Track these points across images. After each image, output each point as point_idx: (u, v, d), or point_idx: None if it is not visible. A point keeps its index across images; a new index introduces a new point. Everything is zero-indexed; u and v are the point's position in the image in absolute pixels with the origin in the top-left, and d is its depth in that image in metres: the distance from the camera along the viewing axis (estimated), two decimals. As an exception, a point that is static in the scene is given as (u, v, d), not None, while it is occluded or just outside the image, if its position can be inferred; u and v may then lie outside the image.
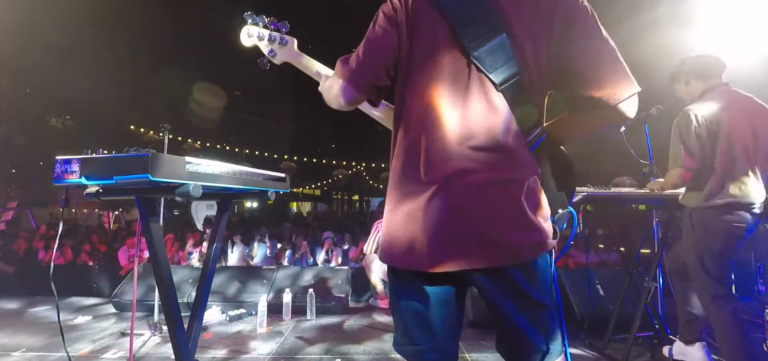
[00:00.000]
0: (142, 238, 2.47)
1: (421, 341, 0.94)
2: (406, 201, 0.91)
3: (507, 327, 0.91)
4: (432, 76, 0.90)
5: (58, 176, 1.30)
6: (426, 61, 0.91)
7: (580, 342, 2.88)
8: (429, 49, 0.91)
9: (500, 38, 0.86)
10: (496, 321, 0.94)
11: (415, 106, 0.92)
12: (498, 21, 0.87)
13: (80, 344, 2.92)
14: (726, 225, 1.98)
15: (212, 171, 1.46)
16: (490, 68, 0.86)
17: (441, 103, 0.88)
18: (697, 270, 2.08)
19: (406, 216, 0.90)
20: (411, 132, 0.92)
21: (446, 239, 0.86)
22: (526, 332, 0.88)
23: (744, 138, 1.98)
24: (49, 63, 7.39)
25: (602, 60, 0.86)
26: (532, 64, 0.87)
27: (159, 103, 9.62)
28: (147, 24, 7.42)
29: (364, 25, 0.98)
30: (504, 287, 0.88)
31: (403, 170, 0.93)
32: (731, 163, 1.98)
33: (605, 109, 0.87)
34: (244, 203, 17.82)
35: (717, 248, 2.01)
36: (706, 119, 1.99)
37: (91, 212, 13.01)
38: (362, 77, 0.97)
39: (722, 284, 2.01)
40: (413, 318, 0.95)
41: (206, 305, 1.87)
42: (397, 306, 0.98)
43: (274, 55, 1.33)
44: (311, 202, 24.21)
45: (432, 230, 0.86)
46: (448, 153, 0.86)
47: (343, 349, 2.81)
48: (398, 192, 0.93)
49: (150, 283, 3.80)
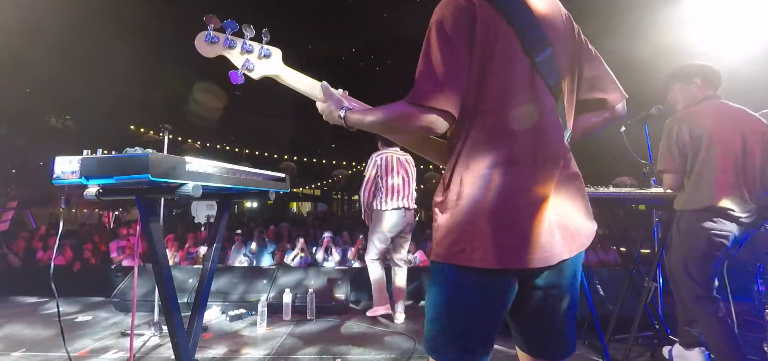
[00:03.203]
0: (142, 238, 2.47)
1: (477, 348, 0.89)
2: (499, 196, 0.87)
3: (556, 318, 0.94)
4: (511, 76, 0.90)
5: (58, 176, 1.31)
6: (505, 62, 0.90)
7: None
8: (507, 52, 0.90)
9: (549, 49, 0.93)
10: (539, 315, 0.95)
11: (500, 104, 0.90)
12: (544, 33, 0.94)
13: (80, 343, 2.92)
14: (707, 231, 2.02)
15: (212, 171, 1.46)
16: (545, 75, 0.93)
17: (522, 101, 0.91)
18: (680, 273, 2.13)
19: (502, 212, 0.86)
20: (498, 129, 0.90)
21: (548, 232, 0.87)
22: (570, 321, 0.96)
23: (732, 147, 2.01)
24: (50, 63, 7.38)
25: (603, 69, 1.04)
26: (565, 74, 0.98)
27: (159, 103, 9.60)
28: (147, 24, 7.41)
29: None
30: (566, 276, 0.93)
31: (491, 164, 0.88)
32: (709, 170, 2.02)
33: (607, 110, 1.06)
34: (244, 203, 17.83)
35: (698, 252, 2.06)
36: (691, 128, 2.07)
37: (91, 212, 13.02)
38: (456, 102, 0.88)
39: (703, 287, 2.05)
40: (477, 322, 0.88)
41: (206, 305, 1.87)
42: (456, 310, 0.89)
43: (250, 69, 1.15)
44: (311, 202, 24.20)
45: (534, 224, 0.87)
46: (542, 152, 0.90)
47: (343, 350, 2.81)
48: (483, 188, 0.88)
49: (150, 283, 3.80)
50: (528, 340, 0.99)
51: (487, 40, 0.89)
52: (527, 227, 0.86)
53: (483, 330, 0.89)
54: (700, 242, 2.05)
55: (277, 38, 1.20)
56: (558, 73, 0.95)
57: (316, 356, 2.69)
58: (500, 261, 0.84)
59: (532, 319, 0.96)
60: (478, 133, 0.90)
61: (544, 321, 0.95)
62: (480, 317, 0.88)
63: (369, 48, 9.83)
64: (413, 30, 2.12)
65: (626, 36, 5.00)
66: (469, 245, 0.86)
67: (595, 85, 1.03)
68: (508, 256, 0.85)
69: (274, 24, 1.23)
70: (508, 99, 0.90)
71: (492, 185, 0.87)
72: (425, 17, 0.93)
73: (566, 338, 0.96)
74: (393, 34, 7.80)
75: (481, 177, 0.88)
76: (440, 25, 0.89)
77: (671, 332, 2.63)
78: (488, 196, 0.86)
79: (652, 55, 4.33)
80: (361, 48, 10.04)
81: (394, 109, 0.92)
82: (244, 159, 13.91)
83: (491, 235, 0.85)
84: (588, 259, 3.74)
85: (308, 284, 3.94)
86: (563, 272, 0.91)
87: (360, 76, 10.84)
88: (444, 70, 0.86)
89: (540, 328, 0.96)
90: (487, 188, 0.87)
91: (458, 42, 0.88)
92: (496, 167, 0.87)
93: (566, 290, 0.94)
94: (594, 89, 1.03)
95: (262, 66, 1.16)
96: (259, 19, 1.21)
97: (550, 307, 0.93)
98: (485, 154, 0.88)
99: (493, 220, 0.85)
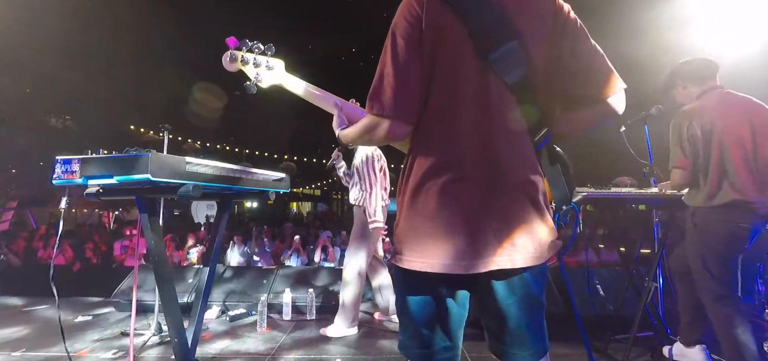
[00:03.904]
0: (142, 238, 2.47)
1: (434, 343, 0.93)
2: (433, 203, 0.89)
3: (512, 327, 0.93)
4: (458, 80, 0.90)
5: (58, 176, 1.31)
6: (451, 67, 0.90)
7: (580, 342, 2.87)
8: (454, 55, 0.90)
9: (512, 43, 0.89)
10: (497, 322, 0.94)
11: (444, 109, 0.91)
12: (508, 24, 0.90)
13: (80, 343, 2.92)
14: (727, 226, 1.97)
15: (212, 171, 1.46)
16: (503, 72, 0.89)
17: (467, 106, 0.90)
18: (700, 270, 2.07)
19: (435, 219, 0.88)
20: (439, 135, 0.91)
21: (480, 241, 0.87)
22: (529, 330, 0.93)
23: (740, 138, 1.98)
24: (49, 63, 7.38)
25: (594, 59, 0.93)
26: (538, 67, 0.92)
27: (159, 103, 9.61)
28: (147, 24, 7.41)
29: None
30: (516, 288, 0.91)
31: (430, 172, 0.90)
32: (726, 164, 1.98)
33: (598, 104, 0.94)
34: (244, 203, 17.83)
35: (719, 248, 2.01)
36: (700, 121, 2.02)
37: (91, 212, 13.02)
38: (410, 107, 0.91)
39: (725, 284, 2.00)
40: (428, 320, 0.93)
41: (206, 305, 1.87)
42: (409, 309, 0.95)
43: (260, 80, 1.31)
44: (311, 202, 24.21)
45: (465, 232, 0.87)
46: (481, 156, 0.89)
47: (344, 350, 2.81)
48: (424, 194, 0.90)
49: (150, 283, 3.79)
50: (489, 340, 1.01)
51: (434, 44, 0.89)
52: (458, 234, 0.87)
53: (434, 326, 0.92)
54: (720, 236, 1.99)
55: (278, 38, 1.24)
56: (524, 67, 0.90)
57: (316, 356, 2.69)
58: (427, 265, 0.87)
59: (490, 321, 0.97)
60: (422, 138, 0.92)
61: (498, 325, 0.95)
62: (426, 314, 0.92)
63: (369, 48, 9.84)
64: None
65: (626, 36, 5.00)
66: (407, 248, 0.91)
67: (584, 79, 0.93)
68: (430, 260, 0.87)
69: (274, 24, 1.25)
70: (454, 101, 0.90)
71: (428, 191, 0.89)
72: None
73: (526, 345, 0.94)
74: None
75: (419, 183, 0.90)
76: (393, 30, 0.91)
77: (671, 332, 2.62)
78: (424, 201, 0.89)
79: (652, 54, 4.33)
80: (361, 48, 10.04)
81: (363, 123, 0.98)
82: (244, 159, 13.91)
83: (426, 239, 0.88)
84: (588, 259, 3.74)
85: (308, 284, 3.94)
86: (513, 282, 0.90)
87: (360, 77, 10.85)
88: (394, 77, 0.89)
89: (497, 331, 0.96)
90: (423, 193, 0.89)
91: (407, 47, 0.89)
92: (433, 174, 0.89)
93: (519, 298, 0.91)
94: (582, 83, 0.94)
95: (269, 76, 1.31)
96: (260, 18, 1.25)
97: (506, 313, 0.92)
98: (425, 160, 0.91)
99: (425, 225, 0.88)
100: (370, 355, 2.72)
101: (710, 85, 2.11)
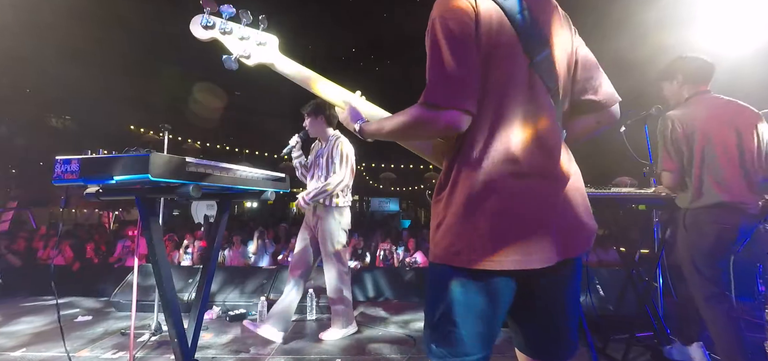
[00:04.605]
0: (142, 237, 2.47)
1: (476, 350, 0.87)
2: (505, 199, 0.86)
3: (552, 322, 0.95)
4: (512, 77, 0.90)
5: (58, 176, 1.31)
6: (506, 63, 0.90)
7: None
8: (508, 54, 0.90)
9: (547, 50, 0.93)
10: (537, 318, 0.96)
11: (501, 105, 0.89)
12: (543, 33, 0.93)
13: (80, 343, 2.92)
14: (715, 226, 2.00)
15: (212, 171, 1.46)
16: (545, 76, 0.92)
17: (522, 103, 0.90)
18: (690, 270, 2.11)
19: (509, 215, 0.85)
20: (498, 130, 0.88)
21: (553, 233, 0.87)
22: (569, 326, 0.96)
23: (725, 140, 2.00)
24: (49, 63, 7.37)
25: (597, 69, 1.02)
26: (563, 75, 0.96)
27: (159, 103, 9.60)
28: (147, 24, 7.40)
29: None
30: (565, 281, 0.93)
31: (495, 167, 0.87)
32: (710, 165, 2.01)
33: (601, 111, 1.03)
34: (244, 203, 17.82)
35: (707, 248, 2.04)
36: (683, 124, 2.06)
37: (91, 212, 13.03)
38: (473, 98, 0.86)
39: (715, 284, 2.03)
40: (476, 324, 0.87)
41: (206, 305, 1.87)
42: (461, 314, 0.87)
43: (247, 56, 1.13)
44: (311, 202, 24.12)
45: (539, 226, 0.86)
46: (541, 152, 0.89)
47: (344, 349, 2.81)
48: (489, 190, 0.86)
49: (150, 283, 3.79)
50: (528, 340, 0.99)
51: (490, 38, 0.88)
52: (526, 228, 0.85)
53: (482, 332, 0.87)
54: (708, 236, 2.02)
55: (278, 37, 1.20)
56: (556, 74, 0.93)
57: (316, 356, 2.69)
58: (499, 263, 0.83)
59: (533, 319, 0.96)
60: (478, 132, 0.88)
61: (544, 322, 0.95)
62: (478, 318, 0.87)
63: (369, 48, 9.84)
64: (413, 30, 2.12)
65: (626, 36, 5.00)
66: (467, 246, 0.85)
67: (589, 87, 1.01)
68: (507, 257, 0.83)
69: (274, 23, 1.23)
70: (509, 99, 0.89)
71: (491, 185, 0.85)
72: (425, 17, 0.92)
73: (567, 338, 0.96)
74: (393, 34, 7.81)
75: (480, 178, 0.86)
76: (445, 23, 0.86)
77: (671, 331, 2.62)
78: (487, 196, 0.85)
79: (652, 54, 4.32)
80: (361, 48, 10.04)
81: (412, 115, 0.89)
82: (244, 159, 13.91)
83: (489, 236, 0.83)
84: (588, 259, 3.74)
85: (308, 283, 3.93)
86: (564, 273, 0.91)
87: (360, 76, 10.85)
88: (457, 68, 0.84)
89: (540, 328, 0.96)
90: (486, 188, 0.85)
91: (465, 39, 0.86)
92: (495, 168, 0.86)
93: (567, 290, 0.94)
94: (587, 91, 1.01)
95: (259, 53, 1.14)
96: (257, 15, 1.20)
97: (551, 307, 0.93)
98: (485, 154, 0.87)
99: (491, 221, 0.84)
100: (371, 355, 2.72)
101: (701, 89, 2.14)
